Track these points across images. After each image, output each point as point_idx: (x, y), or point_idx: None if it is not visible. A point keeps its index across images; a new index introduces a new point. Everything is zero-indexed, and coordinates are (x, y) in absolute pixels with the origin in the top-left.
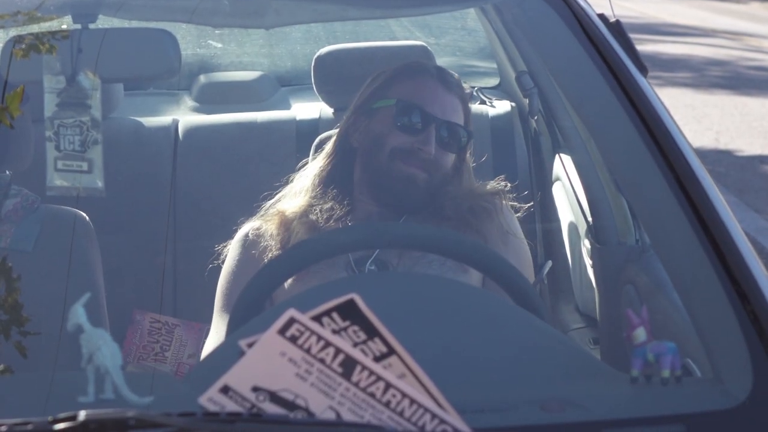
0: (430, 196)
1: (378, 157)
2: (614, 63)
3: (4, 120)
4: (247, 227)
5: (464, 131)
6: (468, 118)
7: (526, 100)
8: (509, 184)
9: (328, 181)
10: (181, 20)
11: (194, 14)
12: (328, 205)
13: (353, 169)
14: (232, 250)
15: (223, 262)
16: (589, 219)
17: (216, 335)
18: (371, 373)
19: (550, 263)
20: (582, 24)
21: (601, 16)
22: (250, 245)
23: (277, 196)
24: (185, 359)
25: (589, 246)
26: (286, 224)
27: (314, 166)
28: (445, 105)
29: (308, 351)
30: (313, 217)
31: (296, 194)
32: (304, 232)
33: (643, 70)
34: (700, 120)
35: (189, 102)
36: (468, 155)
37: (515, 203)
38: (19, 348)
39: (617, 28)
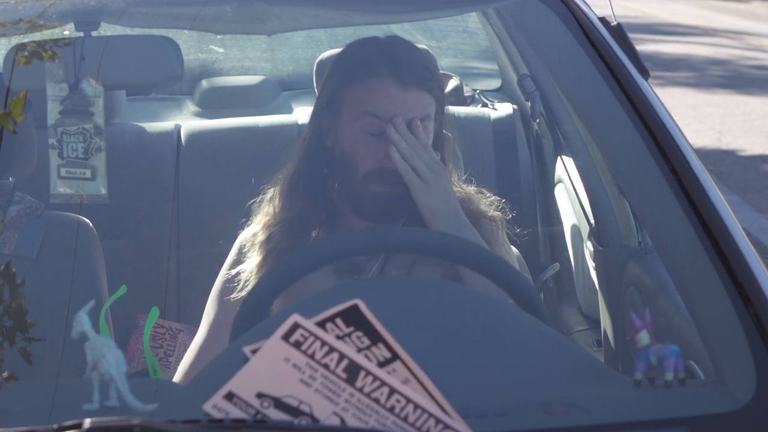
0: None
1: (353, 176)
2: (616, 66)
3: (7, 125)
4: (242, 236)
5: (435, 123)
6: (441, 108)
7: (528, 103)
8: (509, 212)
9: (306, 185)
10: (183, 27)
11: (196, 21)
12: (308, 214)
13: (332, 170)
14: (228, 259)
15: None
16: (592, 221)
17: (200, 340)
18: (375, 378)
19: (557, 265)
20: (583, 27)
21: (603, 20)
22: (243, 254)
23: (259, 199)
24: None
25: (591, 248)
26: (270, 234)
27: (290, 166)
28: (404, 104)
29: (312, 356)
30: (293, 226)
31: (272, 199)
32: (287, 244)
33: (645, 73)
34: (702, 120)
35: (191, 107)
36: (449, 154)
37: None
38: (24, 355)
39: (619, 32)
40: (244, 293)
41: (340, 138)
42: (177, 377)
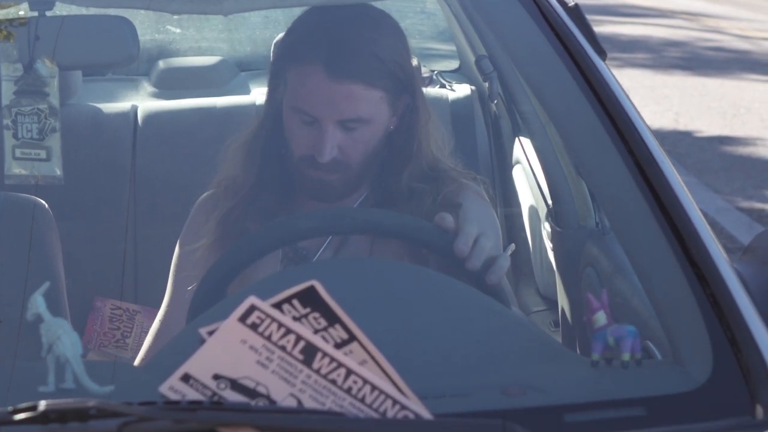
0: (358, 184)
1: (291, 158)
2: (573, 47)
3: None
4: (200, 202)
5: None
6: (411, 98)
7: (486, 84)
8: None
9: (265, 152)
10: (139, 7)
11: (152, 1)
12: (265, 180)
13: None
14: (185, 230)
15: None
16: (550, 202)
17: (160, 321)
18: (332, 359)
19: (513, 246)
20: (540, 8)
21: (560, 0)
22: (202, 217)
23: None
24: None
25: (549, 229)
26: (228, 207)
27: (249, 131)
28: (334, 99)
29: (269, 338)
30: (250, 197)
31: (232, 163)
32: (247, 215)
33: (602, 54)
34: (660, 101)
35: (148, 87)
36: (421, 124)
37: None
38: None
39: (576, 12)
40: (200, 271)
41: (283, 119)
42: (138, 358)
